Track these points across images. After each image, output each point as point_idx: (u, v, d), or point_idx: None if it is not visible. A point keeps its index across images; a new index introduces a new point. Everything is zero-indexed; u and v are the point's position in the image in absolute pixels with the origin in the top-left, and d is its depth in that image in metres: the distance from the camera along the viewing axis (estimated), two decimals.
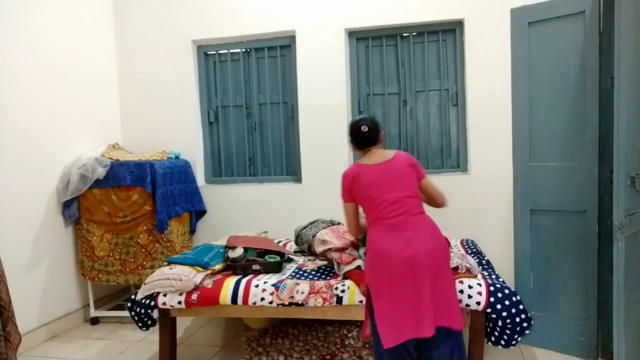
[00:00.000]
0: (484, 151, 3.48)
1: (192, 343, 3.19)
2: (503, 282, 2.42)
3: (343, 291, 2.41)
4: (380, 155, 2.27)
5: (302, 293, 2.44)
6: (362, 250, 2.71)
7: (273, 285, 2.48)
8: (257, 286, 2.49)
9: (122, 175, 3.38)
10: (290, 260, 2.95)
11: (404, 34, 3.72)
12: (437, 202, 2.31)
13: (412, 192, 2.19)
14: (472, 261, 2.48)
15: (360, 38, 3.79)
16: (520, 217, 2.89)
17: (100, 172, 3.35)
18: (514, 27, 2.84)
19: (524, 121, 2.83)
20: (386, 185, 2.17)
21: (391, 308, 2.04)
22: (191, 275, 2.54)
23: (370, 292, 2.16)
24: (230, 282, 2.55)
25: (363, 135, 2.30)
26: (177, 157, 3.88)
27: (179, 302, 2.54)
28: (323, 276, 2.63)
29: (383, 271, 2.08)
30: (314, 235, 2.96)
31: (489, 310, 2.24)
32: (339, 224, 3.08)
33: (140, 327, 2.71)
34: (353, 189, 2.24)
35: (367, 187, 2.20)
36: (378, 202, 2.17)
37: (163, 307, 2.57)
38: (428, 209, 2.29)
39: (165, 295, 2.56)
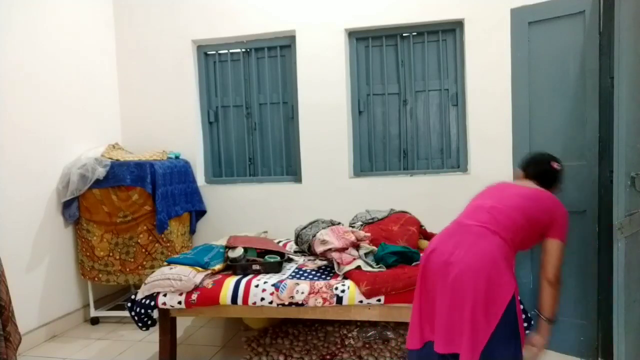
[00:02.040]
0: (484, 151, 3.48)
1: (192, 343, 3.19)
2: None
3: (343, 291, 2.41)
4: (531, 184, 2.09)
5: (302, 293, 2.44)
6: (362, 251, 2.71)
7: (273, 285, 2.48)
8: (257, 286, 2.49)
9: (122, 175, 3.38)
10: (290, 260, 2.95)
11: (404, 34, 3.72)
12: (546, 268, 1.99)
13: (511, 212, 1.87)
14: None
15: (360, 38, 3.79)
16: None
17: (100, 172, 3.35)
18: (514, 27, 2.83)
19: (524, 121, 2.83)
20: (493, 194, 2.00)
21: (419, 308, 1.90)
22: (191, 275, 2.54)
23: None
24: (230, 282, 2.55)
25: (552, 172, 2.14)
26: (177, 157, 3.88)
27: (179, 302, 2.53)
28: (323, 276, 2.63)
29: (423, 262, 1.93)
30: (314, 235, 2.95)
31: None
32: (339, 224, 3.07)
33: (140, 327, 2.70)
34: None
35: (482, 192, 2.08)
36: (470, 204, 2.03)
37: (163, 307, 2.57)
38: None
39: (165, 295, 2.56)
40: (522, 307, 2.26)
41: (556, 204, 1.98)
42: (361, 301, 2.37)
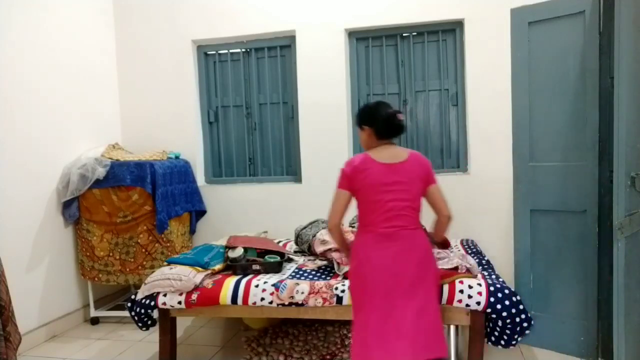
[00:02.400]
0: (484, 151, 3.48)
1: (192, 343, 3.19)
2: (503, 282, 2.42)
3: (343, 291, 2.40)
4: (393, 153, 2.04)
5: (302, 293, 2.44)
6: None
7: (273, 285, 2.48)
8: (257, 286, 2.49)
9: (122, 175, 3.38)
10: (290, 260, 2.95)
11: (404, 34, 3.72)
12: (443, 211, 2.07)
13: (416, 204, 2.03)
14: (472, 261, 2.48)
15: (360, 38, 3.79)
16: (520, 217, 2.88)
17: (100, 172, 3.35)
18: (514, 27, 2.83)
19: (524, 121, 2.83)
20: (391, 191, 1.97)
21: (369, 326, 1.95)
22: (191, 275, 2.54)
23: (352, 304, 2.09)
24: (230, 282, 2.55)
25: (398, 124, 2.05)
26: (177, 157, 3.88)
27: (179, 302, 2.53)
28: (323, 276, 2.63)
29: (366, 285, 1.98)
30: (314, 235, 2.96)
31: (489, 310, 2.24)
32: None
33: (140, 327, 2.70)
34: (355, 181, 2.02)
35: (371, 187, 1.99)
36: (376, 207, 1.99)
37: (163, 307, 2.57)
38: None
39: (165, 295, 2.56)
40: (522, 306, 2.27)
41: (425, 160, 2.11)
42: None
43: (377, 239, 2.00)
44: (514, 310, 2.23)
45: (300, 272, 2.71)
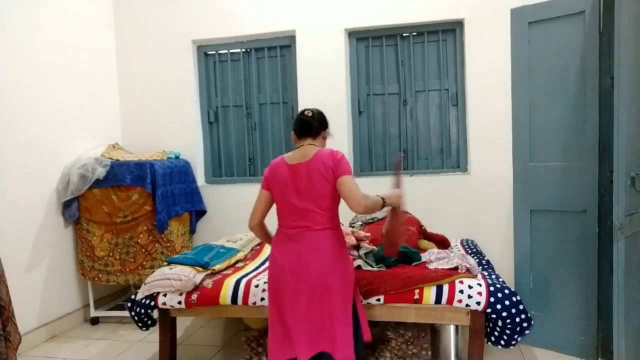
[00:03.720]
0: (484, 151, 3.48)
1: (192, 343, 3.19)
2: (503, 282, 2.42)
3: None
4: (302, 153, 2.09)
5: None
6: (362, 251, 2.71)
7: None
8: (257, 286, 2.49)
9: (122, 175, 3.38)
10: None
11: (404, 34, 3.72)
12: (352, 206, 1.95)
13: (319, 204, 1.99)
14: (472, 261, 2.48)
15: (360, 38, 3.79)
16: (520, 217, 2.89)
17: (100, 172, 3.35)
18: (514, 27, 2.83)
19: (524, 121, 2.83)
20: (293, 191, 2.02)
21: (275, 321, 2.05)
22: (191, 275, 2.54)
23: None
24: (230, 282, 2.55)
25: (304, 119, 2.12)
26: (177, 157, 3.88)
27: (179, 302, 2.53)
28: None
29: (272, 281, 2.07)
30: None
31: (489, 310, 2.24)
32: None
33: (140, 327, 2.70)
34: (270, 182, 2.14)
35: (278, 188, 2.08)
36: (283, 208, 2.08)
37: (163, 307, 2.57)
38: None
39: (165, 295, 2.56)
40: (522, 306, 2.27)
41: (332, 155, 2.03)
42: (361, 301, 2.36)
43: (284, 239, 2.06)
44: (514, 310, 2.23)
45: None
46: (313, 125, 2.13)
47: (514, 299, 2.25)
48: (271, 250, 2.14)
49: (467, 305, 2.26)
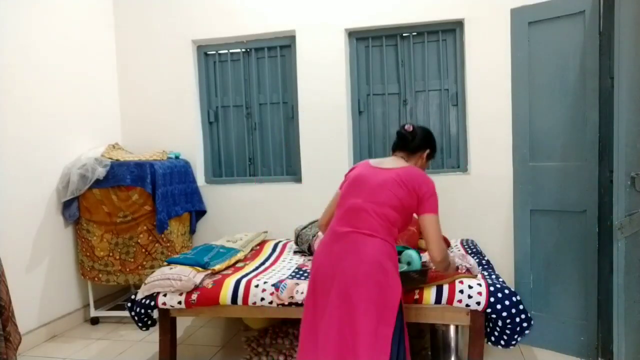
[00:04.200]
0: (484, 151, 3.48)
1: (192, 343, 3.19)
2: (503, 282, 2.42)
3: None
4: (391, 162, 1.97)
5: (302, 293, 2.43)
6: None
7: (273, 285, 2.48)
8: (257, 286, 2.49)
9: (122, 175, 3.38)
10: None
11: (404, 34, 3.72)
12: (429, 249, 1.89)
13: (384, 210, 1.83)
14: (472, 261, 2.48)
15: (360, 38, 3.79)
16: (520, 217, 2.89)
17: (100, 172, 3.35)
18: (514, 27, 2.84)
19: (524, 121, 2.83)
20: (360, 190, 1.88)
21: (307, 321, 1.88)
22: (191, 275, 2.54)
23: None
24: (230, 282, 2.55)
25: (401, 133, 2.00)
26: (177, 157, 3.88)
27: (179, 302, 2.53)
28: None
29: (310, 280, 1.92)
30: (314, 235, 2.96)
31: (489, 310, 2.24)
32: None
33: (140, 327, 2.70)
34: (346, 178, 2.03)
35: (349, 182, 1.96)
36: (342, 202, 1.93)
37: (163, 307, 2.57)
38: None
39: (165, 295, 2.56)
40: (522, 306, 2.27)
41: (421, 178, 1.90)
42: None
43: (330, 237, 1.91)
44: (513, 310, 2.23)
45: (300, 272, 2.71)
46: (408, 141, 1.97)
47: (514, 299, 2.25)
48: (317, 247, 2.00)
49: (467, 305, 2.26)
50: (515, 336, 2.28)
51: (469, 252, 2.97)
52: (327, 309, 1.78)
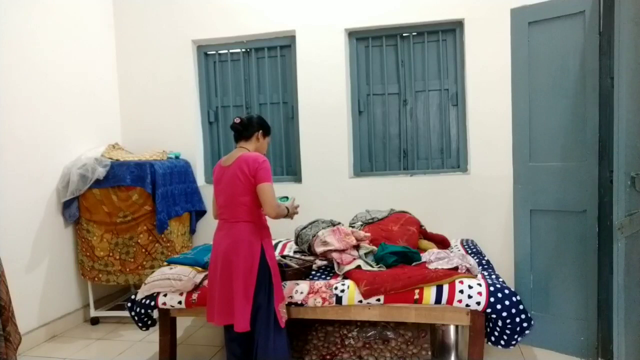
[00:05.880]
0: (484, 151, 3.48)
1: (192, 343, 3.19)
2: (503, 282, 2.42)
3: (343, 291, 2.41)
4: (231, 156, 2.36)
5: (302, 293, 2.44)
6: (362, 251, 2.71)
7: None
8: None
9: (122, 175, 3.38)
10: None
11: (404, 34, 3.72)
12: (265, 210, 2.27)
13: (236, 200, 2.28)
14: (472, 261, 2.48)
15: (360, 38, 3.79)
16: (520, 217, 2.89)
17: (100, 172, 3.35)
18: (514, 27, 2.83)
19: (524, 121, 2.83)
20: (221, 189, 2.34)
21: (209, 291, 2.38)
22: (191, 275, 2.54)
23: None
24: None
25: (233, 126, 2.39)
26: (177, 157, 3.88)
27: (179, 302, 2.54)
28: (323, 276, 2.63)
29: (211, 256, 2.40)
30: (315, 235, 2.95)
31: (489, 310, 2.24)
32: (339, 224, 3.08)
33: (140, 327, 2.71)
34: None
35: (214, 189, 2.41)
36: (216, 201, 2.41)
37: (163, 307, 2.57)
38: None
39: (165, 295, 2.56)
40: (522, 307, 2.27)
41: (251, 159, 2.26)
42: (361, 301, 2.37)
43: (217, 227, 2.39)
44: (513, 310, 2.23)
45: None
46: (241, 132, 2.39)
47: (514, 299, 2.25)
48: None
49: (467, 305, 2.26)
50: (516, 336, 2.28)
51: (469, 252, 2.97)
52: (213, 278, 2.33)
